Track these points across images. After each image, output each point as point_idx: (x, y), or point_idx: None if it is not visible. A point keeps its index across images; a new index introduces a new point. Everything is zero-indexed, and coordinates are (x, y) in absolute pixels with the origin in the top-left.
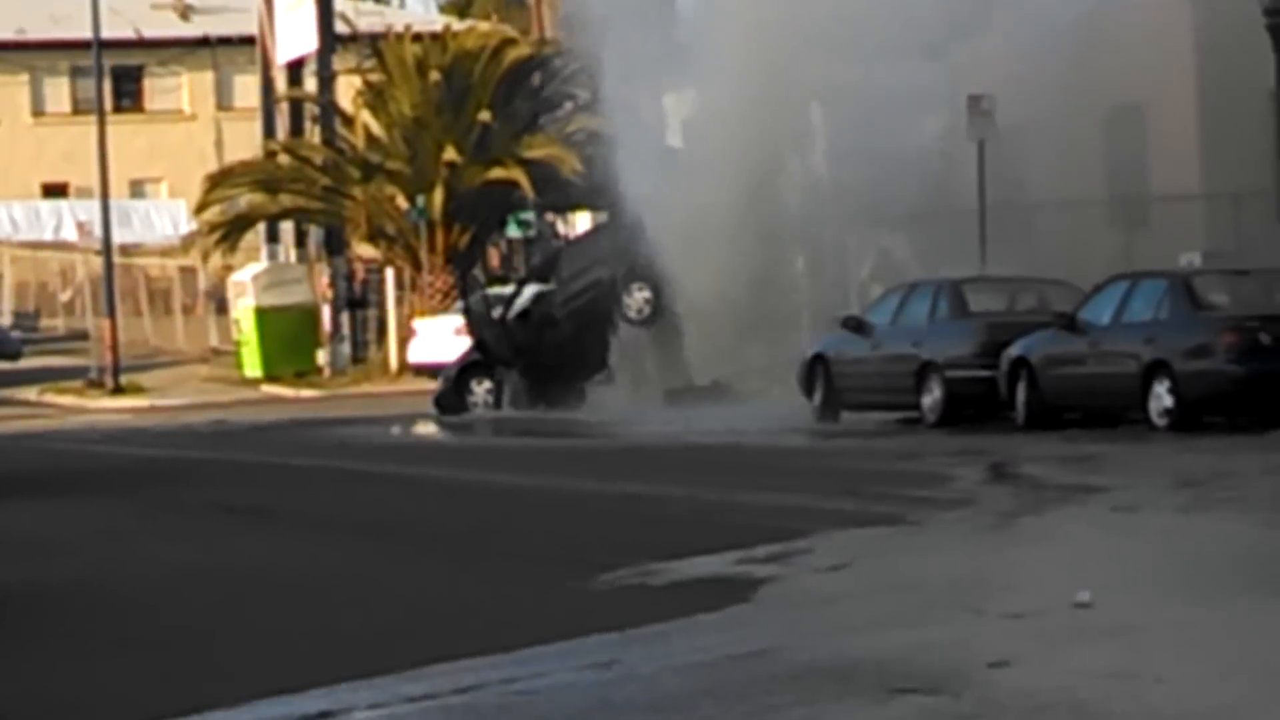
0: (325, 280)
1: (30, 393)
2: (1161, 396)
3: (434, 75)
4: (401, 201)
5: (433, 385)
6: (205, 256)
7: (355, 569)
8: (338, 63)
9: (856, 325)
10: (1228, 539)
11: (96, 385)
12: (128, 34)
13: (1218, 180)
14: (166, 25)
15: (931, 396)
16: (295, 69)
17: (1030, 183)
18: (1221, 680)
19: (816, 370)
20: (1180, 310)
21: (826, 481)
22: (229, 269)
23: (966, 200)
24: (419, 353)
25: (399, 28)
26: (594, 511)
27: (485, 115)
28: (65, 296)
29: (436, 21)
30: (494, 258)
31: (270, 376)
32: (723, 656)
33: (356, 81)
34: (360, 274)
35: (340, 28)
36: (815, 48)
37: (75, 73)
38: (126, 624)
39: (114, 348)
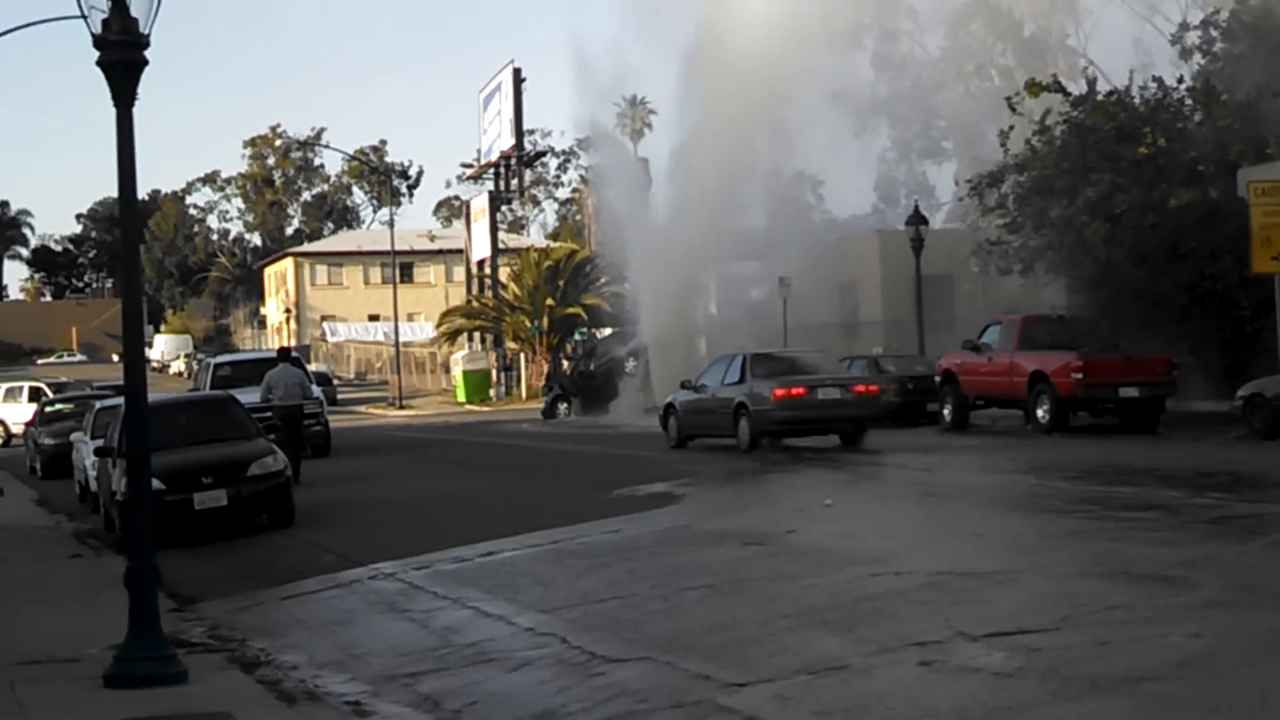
0: (494, 358)
1: (361, 408)
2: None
3: (543, 267)
4: (526, 322)
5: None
6: (440, 347)
7: (505, 489)
8: (501, 260)
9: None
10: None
11: (391, 405)
12: (406, 247)
13: (891, 311)
14: (424, 243)
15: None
16: (480, 264)
17: (808, 313)
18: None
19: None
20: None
21: (699, 466)
22: (451, 353)
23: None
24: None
25: (528, 245)
26: (608, 462)
27: (563, 285)
28: (378, 366)
29: (544, 242)
30: (569, 348)
31: (468, 402)
32: (668, 527)
33: (507, 269)
34: (509, 356)
35: (500, 244)
36: (705, 251)
37: (383, 265)
38: (399, 513)
39: (399, 388)
